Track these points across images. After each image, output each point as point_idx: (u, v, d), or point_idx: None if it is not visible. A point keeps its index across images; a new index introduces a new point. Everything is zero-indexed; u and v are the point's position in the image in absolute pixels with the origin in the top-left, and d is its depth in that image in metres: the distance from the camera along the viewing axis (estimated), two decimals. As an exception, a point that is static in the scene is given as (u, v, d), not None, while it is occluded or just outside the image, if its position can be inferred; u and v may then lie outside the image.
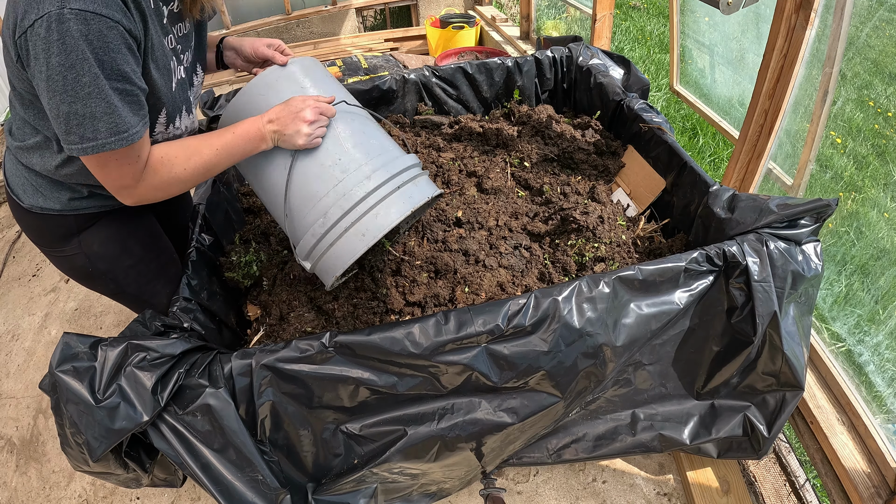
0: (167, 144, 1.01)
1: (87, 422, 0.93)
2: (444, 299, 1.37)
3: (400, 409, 1.12)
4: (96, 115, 0.85)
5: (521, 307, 1.06)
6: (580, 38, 2.13)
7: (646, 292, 1.14)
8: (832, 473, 1.40)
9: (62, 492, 1.68)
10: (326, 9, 4.61)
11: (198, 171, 1.02)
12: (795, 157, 1.61)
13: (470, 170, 1.80)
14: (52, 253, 1.20)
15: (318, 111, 1.06)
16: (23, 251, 2.72)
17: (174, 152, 1.00)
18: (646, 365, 1.23)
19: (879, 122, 2.17)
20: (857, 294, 1.65)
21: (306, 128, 1.05)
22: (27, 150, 1.06)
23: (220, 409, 0.98)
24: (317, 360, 1.04)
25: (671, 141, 1.57)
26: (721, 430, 1.26)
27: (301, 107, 1.05)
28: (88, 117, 0.85)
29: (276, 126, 1.05)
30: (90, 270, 1.21)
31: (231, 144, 1.04)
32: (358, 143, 1.13)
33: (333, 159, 1.10)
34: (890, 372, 1.44)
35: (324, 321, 1.37)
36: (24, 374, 2.07)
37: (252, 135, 1.05)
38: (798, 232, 1.15)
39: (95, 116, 0.85)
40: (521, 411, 1.13)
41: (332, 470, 1.16)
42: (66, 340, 0.98)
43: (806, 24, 1.39)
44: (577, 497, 1.52)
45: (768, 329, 1.14)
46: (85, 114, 0.84)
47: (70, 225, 1.15)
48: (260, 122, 1.06)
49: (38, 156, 1.05)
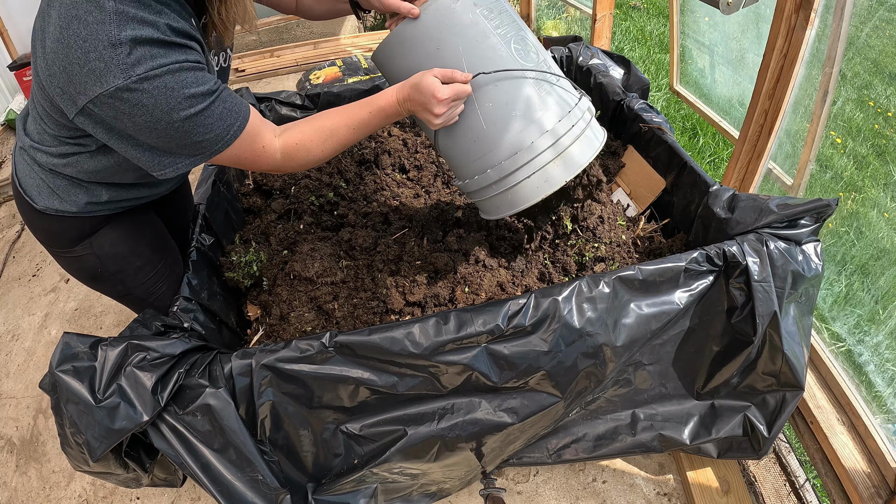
0: (301, 129, 1.03)
1: (87, 422, 0.93)
2: (444, 299, 1.37)
3: (400, 409, 1.12)
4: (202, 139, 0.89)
5: (521, 307, 1.06)
6: (580, 38, 2.12)
7: (646, 292, 1.14)
8: (832, 473, 1.40)
9: (62, 492, 1.68)
10: (326, 9, 4.61)
11: (335, 150, 1.06)
12: (795, 157, 1.61)
13: (470, 170, 1.80)
14: (63, 254, 1.19)
15: (449, 99, 1.03)
16: (23, 251, 2.71)
17: (309, 138, 1.03)
18: (646, 365, 1.23)
19: (879, 122, 2.17)
20: (857, 294, 1.65)
21: (436, 119, 1.06)
22: (50, 154, 1.04)
23: (220, 409, 0.98)
24: (317, 360, 1.04)
25: (671, 141, 1.57)
26: (721, 431, 1.26)
27: (428, 97, 1.02)
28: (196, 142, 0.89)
29: (409, 106, 1.06)
30: (100, 271, 1.21)
31: (367, 122, 1.06)
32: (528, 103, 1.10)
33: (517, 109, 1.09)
34: (890, 372, 1.44)
35: (324, 321, 1.37)
36: (24, 374, 2.07)
37: (389, 112, 1.06)
38: (798, 232, 1.15)
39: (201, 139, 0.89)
40: (521, 411, 1.13)
41: (332, 470, 1.16)
42: (66, 340, 0.98)
43: (806, 24, 1.39)
44: (577, 497, 1.52)
45: (768, 329, 1.14)
46: (190, 142, 0.89)
47: (84, 227, 1.15)
48: (394, 100, 1.06)
49: (66, 159, 1.03)
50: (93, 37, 0.76)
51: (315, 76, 3.46)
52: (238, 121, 0.93)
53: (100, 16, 0.76)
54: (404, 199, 1.71)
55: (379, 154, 1.86)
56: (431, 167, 1.82)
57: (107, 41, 0.76)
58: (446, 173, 1.79)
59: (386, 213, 1.66)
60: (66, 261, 1.21)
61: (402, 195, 1.73)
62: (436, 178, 1.80)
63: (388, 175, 1.80)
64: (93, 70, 0.77)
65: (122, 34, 0.77)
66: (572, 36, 2.16)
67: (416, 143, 1.91)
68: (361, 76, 3.42)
